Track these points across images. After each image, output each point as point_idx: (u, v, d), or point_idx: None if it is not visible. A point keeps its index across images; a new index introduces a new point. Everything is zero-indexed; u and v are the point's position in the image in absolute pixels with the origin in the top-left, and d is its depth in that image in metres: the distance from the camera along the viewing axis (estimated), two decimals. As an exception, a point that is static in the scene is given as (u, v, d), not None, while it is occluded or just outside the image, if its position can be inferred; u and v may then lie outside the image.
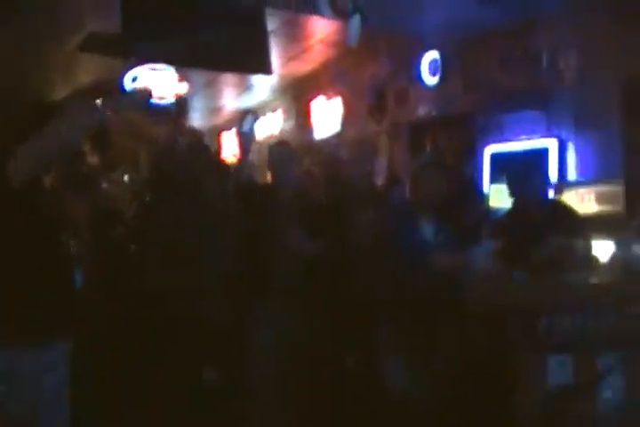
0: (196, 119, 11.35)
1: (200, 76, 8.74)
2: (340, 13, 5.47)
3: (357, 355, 3.98)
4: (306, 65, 9.08)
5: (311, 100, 9.83)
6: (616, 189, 5.59)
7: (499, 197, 6.18)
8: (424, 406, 3.33)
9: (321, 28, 7.59)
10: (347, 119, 9.15)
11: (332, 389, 3.81)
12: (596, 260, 3.77)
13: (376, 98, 8.38)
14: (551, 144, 6.26)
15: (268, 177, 4.64)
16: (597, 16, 5.76)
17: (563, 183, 6.06)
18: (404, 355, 3.47)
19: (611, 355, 3.12)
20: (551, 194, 5.91)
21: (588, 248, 3.79)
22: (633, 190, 5.34)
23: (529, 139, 6.49)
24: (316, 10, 5.35)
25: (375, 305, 3.57)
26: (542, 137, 6.38)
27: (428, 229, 3.80)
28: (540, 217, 4.19)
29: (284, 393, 3.80)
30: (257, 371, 3.91)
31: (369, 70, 8.37)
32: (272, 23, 6.55)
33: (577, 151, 6.22)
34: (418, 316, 3.39)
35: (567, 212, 4.49)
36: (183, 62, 6.21)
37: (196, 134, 6.12)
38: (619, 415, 3.10)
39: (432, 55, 7.44)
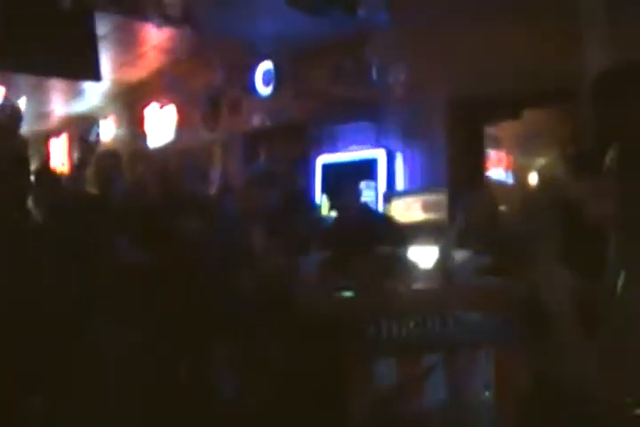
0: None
1: (24, 79, 8.30)
2: (169, 21, 5.38)
3: (189, 366, 3.90)
4: (139, 71, 8.86)
5: (144, 107, 9.62)
6: (440, 197, 5.84)
7: (328, 205, 6.32)
8: (255, 415, 3.33)
9: (154, 35, 7.42)
10: (180, 128, 9.03)
11: (163, 400, 3.72)
12: (420, 266, 3.89)
13: (210, 107, 8.32)
14: (380, 155, 6.45)
15: (96, 186, 4.47)
16: (426, 33, 6.02)
17: (391, 192, 6.28)
18: (235, 365, 3.45)
19: (434, 357, 3.22)
20: (376, 203, 6.15)
21: (412, 256, 3.92)
22: (455, 199, 5.60)
23: (359, 149, 6.66)
24: (146, 17, 5.22)
25: (206, 316, 3.51)
26: (372, 148, 6.57)
27: (257, 239, 3.78)
28: (363, 226, 4.28)
29: (117, 405, 3.67)
30: (89, 383, 3.75)
31: (203, 79, 8.31)
32: (102, 28, 6.35)
33: (404, 161, 6.46)
34: (248, 327, 3.37)
35: (389, 221, 4.65)
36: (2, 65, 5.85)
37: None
38: (441, 414, 3.21)
39: (266, 65, 7.51)
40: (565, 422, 2.21)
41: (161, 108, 9.35)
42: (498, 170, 6.61)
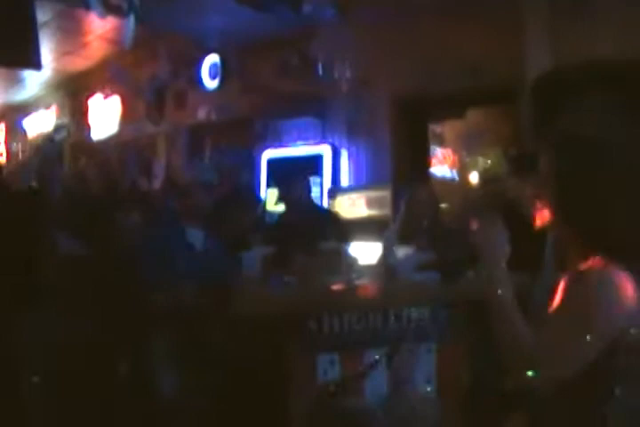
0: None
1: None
2: (112, 11, 5.27)
3: (129, 361, 3.85)
4: (83, 61, 8.68)
5: (88, 97, 9.43)
6: (384, 193, 5.88)
7: (274, 201, 6.31)
8: (195, 410, 3.30)
9: (99, 24, 7.28)
10: (124, 119, 8.88)
11: (103, 395, 3.67)
12: (363, 262, 3.89)
13: (155, 99, 8.21)
14: (325, 150, 6.47)
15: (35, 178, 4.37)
16: (372, 29, 6.04)
17: (335, 188, 6.30)
18: (175, 361, 3.41)
19: (376, 352, 3.22)
20: (322, 199, 6.16)
21: (356, 251, 3.93)
22: (399, 195, 5.65)
23: (305, 145, 6.66)
24: (87, 5, 5.10)
25: (146, 311, 3.47)
26: (317, 143, 6.58)
27: (197, 235, 3.73)
28: (308, 222, 4.29)
29: (57, 400, 3.60)
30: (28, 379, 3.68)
31: (148, 70, 8.18)
32: (43, 15, 6.19)
33: (349, 158, 6.48)
34: (187, 322, 3.34)
35: (334, 217, 4.66)
36: None
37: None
38: (383, 409, 3.22)
39: (212, 59, 7.42)
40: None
41: (105, 98, 9.18)
42: (443, 167, 6.69)
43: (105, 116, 9.13)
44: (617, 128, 1.70)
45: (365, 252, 4.05)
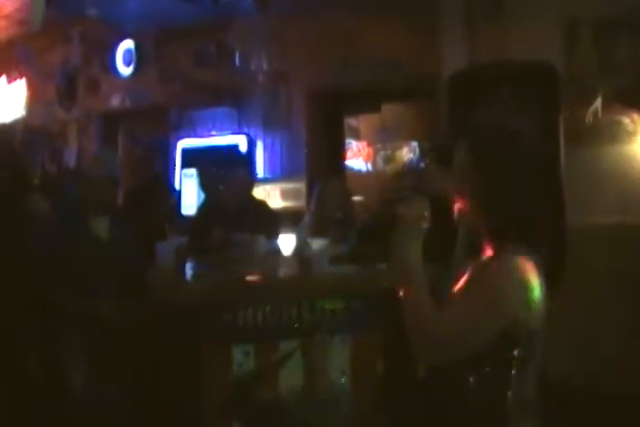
0: None
1: None
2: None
3: (39, 354, 3.72)
4: (-14, 42, 8.29)
5: (-8, 80, 9.05)
6: (299, 185, 5.95)
7: (189, 191, 6.24)
8: (107, 405, 3.24)
9: (4, 2, 6.97)
10: (31, 104, 8.56)
11: (13, 388, 3.55)
12: (279, 254, 3.88)
13: (66, 84, 7.94)
14: (241, 141, 6.41)
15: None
16: (291, 21, 6.04)
17: (252, 179, 6.25)
18: (85, 354, 3.32)
19: (290, 343, 3.21)
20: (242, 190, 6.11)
21: (274, 243, 3.92)
22: (313, 187, 5.66)
23: (220, 135, 6.60)
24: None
25: (56, 303, 3.35)
26: (233, 134, 6.53)
27: (102, 225, 3.57)
28: (230, 212, 4.24)
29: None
30: None
31: (60, 54, 7.90)
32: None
33: (265, 149, 6.48)
34: (97, 315, 3.26)
35: (258, 207, 4.62)
36: None
37: None
38: (298, 400, 3.22)
39: (127, 45, 7.26)
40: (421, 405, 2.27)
41: (10, 82, 8.82)
42: (358, 160, 6.76)
43: (9, 99, 8.77)
44: (525, 122, 1.77)
45: (281, 243, 4.04)
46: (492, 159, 1.71)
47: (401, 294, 1.69)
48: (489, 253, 1.73)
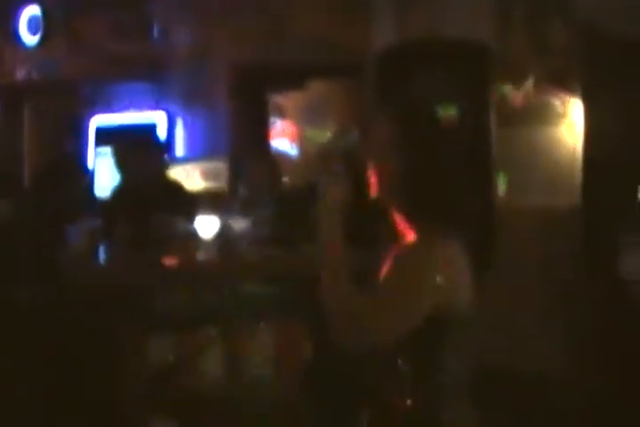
0: None
1: None
2: None
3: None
4: None
5: None
6: (221, 165, 5.78)
7: (105, 171, 6.01)
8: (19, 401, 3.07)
9: None
10: None
11: None
12: (198, 236, 3.78)
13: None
14: (160, 118, 6.25)
15: None
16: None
17: (170, 159, 6.08)
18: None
19: (211, 330, 3.15)
20: (160, 169, 5.94)
21: (194, 224, 3.80)
22: (235, 168, 5.56)
23: (138, 111, 6.40)
24: None
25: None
26: (151, 110, 6.34)
27: (3, 208, 3.45)
28: (148, 193, 4.13)
29: None
30: None
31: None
32: None
33: (185, 127, 6.31)
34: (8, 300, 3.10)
35: (175, 188, 4.51)
36: None
37: None
38: (220, 388, 3.14)
39: (32, 11, 6.82)
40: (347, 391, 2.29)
41: None
42: (283, 140, 6.66)
43: None
44: (455, 101, 1.77)
45: (201, 225, 3.91)
46: (417, 138, 1.70)
47: (322, 276, 1.66)
48: (414, 236, 1.71)
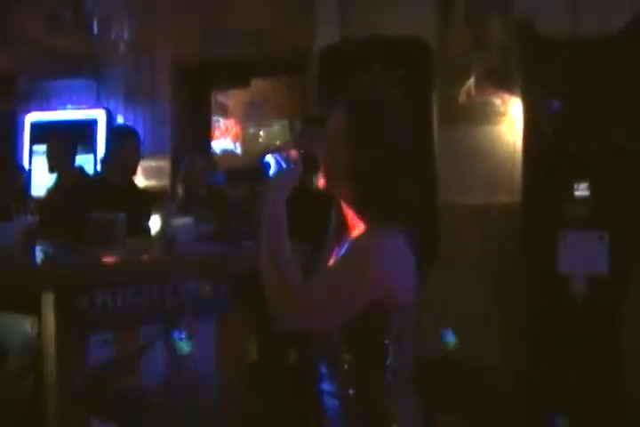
0: None
1: None
2: None
3: None
4: None
5: None
6: (162, 163, 5.77)
7: (39, 169, 5.88)
8: None
9: None
10: None
11: None
12: (141, 234, 3.74)
13: None
14: (100, 116, 6.15)
15: None
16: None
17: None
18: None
19: (153, 328, 3.09)
20: (95, 168, 5.83)
21: (135, 222, 3.72)
22: (177, 165, 5.51)
23: (77, 108, 6.28)
24: None
25: None
26: (91, 108, 6.23)
27: None
28: (89, 190, 4.12)
29: None
30: None
31: None
32: None
33: (125, 124, 6.19)
34: None
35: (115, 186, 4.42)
36: None
37: None
38: (162, 387, 3.09)
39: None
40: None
41: None
42: (225, 140, 6.62)
43: None
44: (398, 97, 1.77)
45: (142, 223, 3.86)
46: (364, 130, 1.69)
47: (265, 260, 1.63)
48: (360, 228, 1.71)
